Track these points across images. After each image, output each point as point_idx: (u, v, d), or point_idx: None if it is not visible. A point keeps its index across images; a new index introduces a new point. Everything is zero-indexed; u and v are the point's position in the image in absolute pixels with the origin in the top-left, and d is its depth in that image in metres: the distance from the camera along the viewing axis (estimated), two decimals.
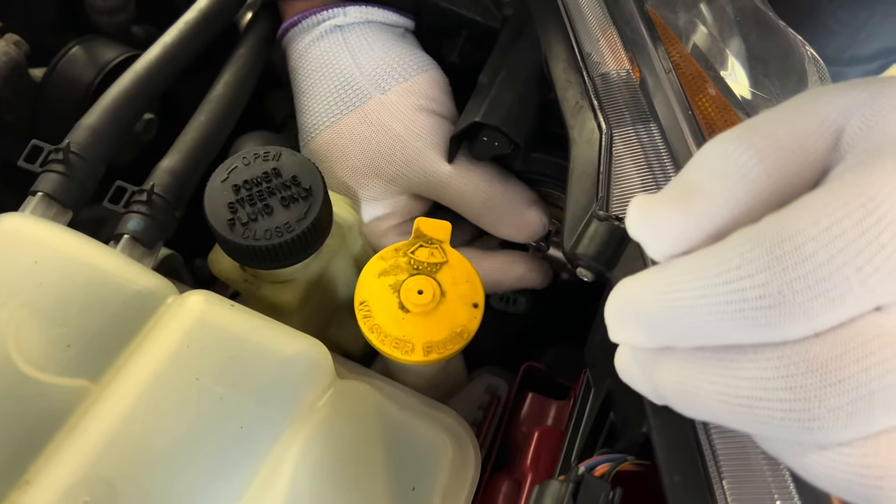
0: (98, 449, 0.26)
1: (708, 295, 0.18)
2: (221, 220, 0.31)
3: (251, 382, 0.28)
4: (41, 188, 0.33)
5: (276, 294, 0.35)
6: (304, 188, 0.33)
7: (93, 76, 0.47)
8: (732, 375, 0.18)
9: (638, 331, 0.20)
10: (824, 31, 0.77)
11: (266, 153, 0.33)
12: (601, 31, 0.37)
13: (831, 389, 0.17)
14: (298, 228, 0.32)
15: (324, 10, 0.43)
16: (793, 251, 0.17)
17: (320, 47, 0.43)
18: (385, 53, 0.42)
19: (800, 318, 0.17)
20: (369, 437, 0.31)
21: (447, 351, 0.33)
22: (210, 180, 0.32)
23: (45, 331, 0.28)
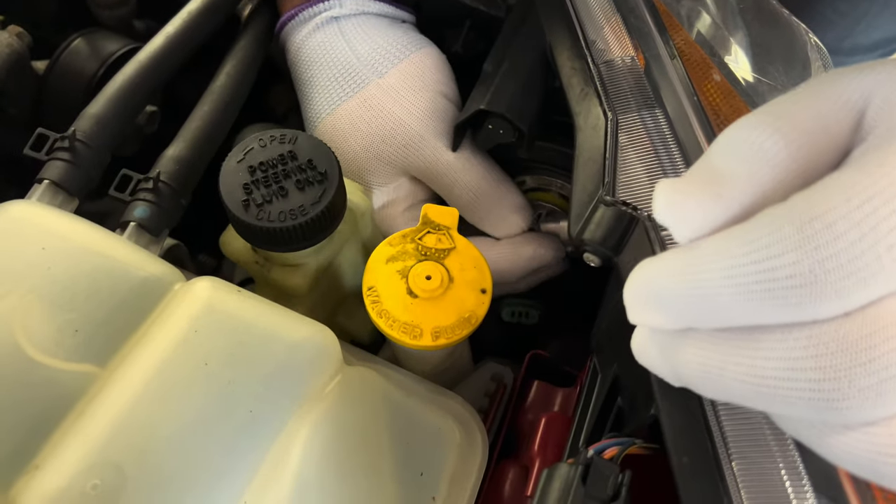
0: (107, 433, 0.26)
1: (736, 275, 0.18)
2: (236, 201, 0.31)
3: (259, 368, 0.28)
4: (47, 175, 0.33)
5: (286, 277, 0.35)
6: (320, 172, 0.33)
7: (95, 68, 0.47)
8: (759, 356, 0.18)
9: (659, 312, 0.20)
10: (823, 21, 0.77)
11: (283, 136, 0.33)
12: (605, 19, 0.37)
13: (861, 369, 0.17)
14: (313, 212, 0.32)
15: (320, 2, 0.43)
16: (824, 229, 0.16)
17: (317, 38, 0.43)
18: (381, 38, 0.43)
19: (832, 297, 0.17)
20: (377, 422, 0.31)
21: (455, 336, 0.33)
22: (226, 160, 0.33)
23: (54, 317, 0.28)
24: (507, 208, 0.41)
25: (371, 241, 0.41)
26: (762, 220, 0.18)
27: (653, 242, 0.29)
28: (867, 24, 0.76)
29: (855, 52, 0.81)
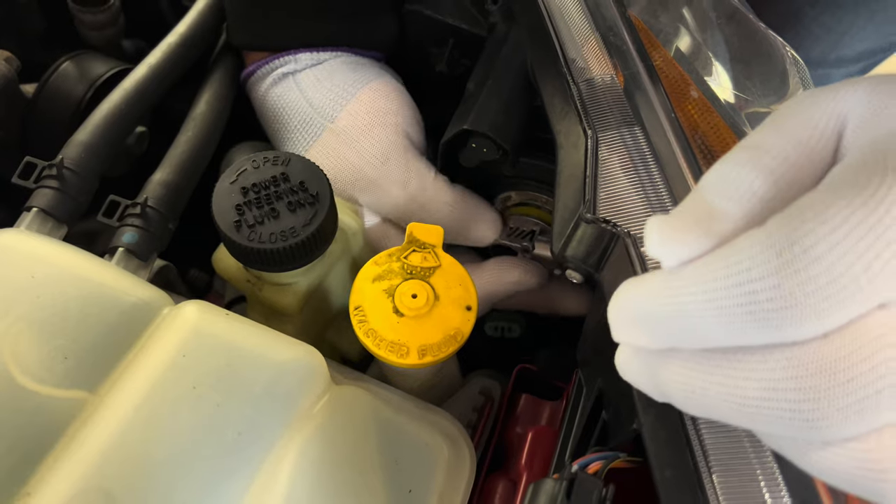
0: (97, 459, 0.26)
1: (717, 297, 0.18)
2: (228, 222, 0.32)
3: (247, 389, 0.29)
4: (36, 203, 0.33)
5: (277, 296, 0.36)
6: (311, 194, 0.33)
7: (84, 91, 0.48)
8: (741, 377, 0.19)
9: (642, 332, 0.21)
10: (808, 35, 0.78)
11: (276, 157, 0.34)
12: (585, 38, 0.38)
13: (840, 389, 0.17)
14: (303, 234, 0.32)
15: (277, 57, 0.44)
16: (803, 253, 0.17)
17: (276, 92, 0.44)
18: (330, 82, 0.43)
19: (811, 318, 0.17)
20: (366, 440, 0.31)
21: (441, 354, 0.33)
22: (219, 181, 0.33)
23: (43, 343, 0.28)
24: (476, 226, 0.42)
25: (362, 260, 0.42)
26: (743, 244, 0.18)
27: (633, 259, 0.29)
28: (851, 37, 0.77)
29: (841, 63, 0.82)
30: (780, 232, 0.18)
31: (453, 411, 0.36)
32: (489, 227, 0.43)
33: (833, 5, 0.75)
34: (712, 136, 0.35)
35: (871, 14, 0.74)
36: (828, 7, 0.75)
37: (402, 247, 0.36)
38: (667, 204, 0.31)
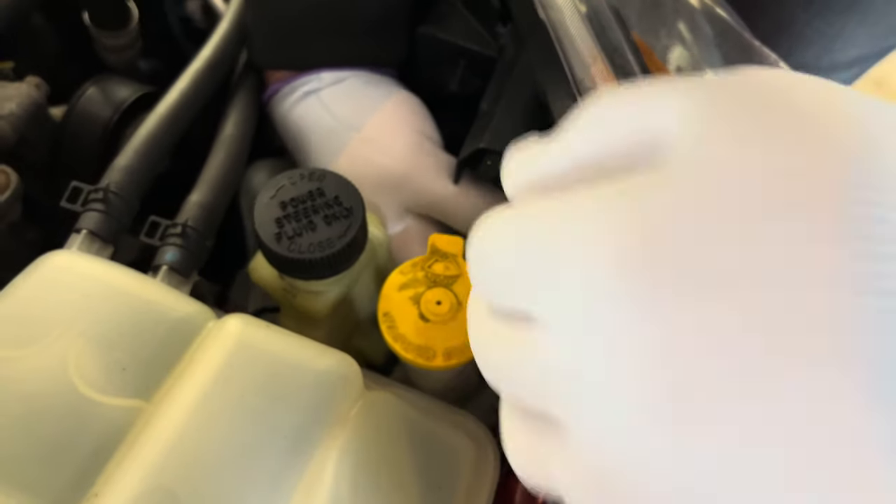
0: (159, 461, 0.28)
1: None
2: (269, 234, 0.34)
3: (291, 396, 0.31)
4: (84, 226, 0.35)
5: (310, 302, 0.38)
6: (346, 207, 0.36)
7: (110, 115, 0.50)
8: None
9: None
10: (801, 40, 0.80)
11: (311, 174, 0.36)
12: (591, 59, 0.40)
13: None
14: (339, 244, 0.35)
15: (299, 77, 0.46)
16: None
17: (299, 110, 0.46)
18: (354, 96, 0.46)
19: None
20: (398, 442, 0.33)
21: (466, 356, 0.35)
22: (259, 197, 0.35)
23: (102, 357, 0.30)
24: None
25: (386, 270, 0.44)
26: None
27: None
28: (844, 42, 0.79)
29: (833, 69, 0.84)
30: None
31: (476, 413, 0.39)
32: None
33: (825, 9, 0.77)
34: None
35: (862, 18, 0.76)
36: (820, 11, 0.77)
37: (425, 257, 0.38)
38: None
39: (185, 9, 0.64)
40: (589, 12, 0.42)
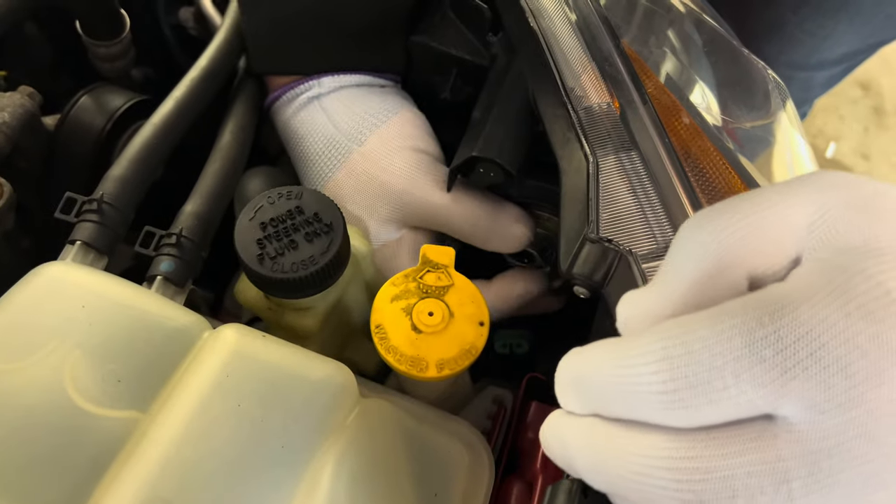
0: (155, 472, 0.28)
1: (620, 376, 0.22)
2: (251, 255, 0.34)
3: (287, 405, 0.31)
4: (78, 237, 0.35)
5: (298, 321, 0.38)
6: (326, 224, 0.36)
7: (103, 123, 0.50)
8: (630, 448, 0.22)
9: (572, 394, 0.24)
10: (791, 40, 0.81)
11: (289, 192, 0.36)
12: (582, 68, 0.41)
13: (691, 486, 0.20)
14: (322, 261, 0.35)
15: (300, 83, 0.47)
16: (686, 354, 0.20)
17: (301, 117, 0.47)
18: (358, 108, 0.46)
19: (679, 408, 0.20)
20: (394, 449, 0.34)
21: (458, 367, 0.36)
22: (238, 219, 0.35)
23: (98, 368, 0.30)
24: (507, 223, 0.44)
25: (373, 281, 0.44)
26: (647, 336, 0.21)
27: (636, 275, 0.32)
28: (833, 41, 0.81)
29: (822, 66, 0.86)
30: (673, 327, 0.21)
31: (470, 419, 0.39)
32: (522, 223, 0.44)
33: (814, 12, 0.78)
34: (703, 158, 0.38)
35: (850, 18, 0.78)
36: (809, 14, 0.78)
37: (417, 268, 0.39)
38: (664, 222, 0.34)
39: (178, 16, 0.64)
40: (579, 21, 0.43)
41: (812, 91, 0.92)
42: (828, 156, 1.83)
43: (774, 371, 0.19)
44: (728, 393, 0.20)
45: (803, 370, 0.19)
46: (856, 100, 1.92)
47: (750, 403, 0.20)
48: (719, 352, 0.20)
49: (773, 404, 0.19)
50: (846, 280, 0.19)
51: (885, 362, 0.18)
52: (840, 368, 0.19)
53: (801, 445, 0.19)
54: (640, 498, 0.22)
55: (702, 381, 0.20)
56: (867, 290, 0.19)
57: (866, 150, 1.84)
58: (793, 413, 0.19)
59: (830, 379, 0.19)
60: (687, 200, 0.34)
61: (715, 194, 0.36)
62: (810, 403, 0.19)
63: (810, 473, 0.19)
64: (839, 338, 0.19)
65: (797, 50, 0.82)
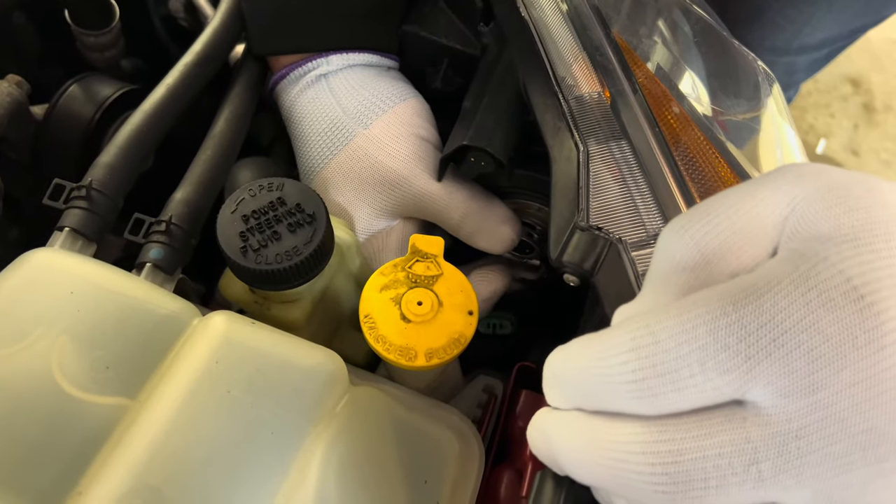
0: (144, 459, 0.28)
1: (596, 366, 0.22)
2: (234, 249, 0.34)
3: (277, 392, 0.31)
4: (67, 223, 0.35)
5: (285, 313, 0.38)
6: (308, 214, 0.35)
7: (92, 112, 0.50)
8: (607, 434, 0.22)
9: (555, 389, 0.25)
10: (772, 26, 0.82)
11: (270, 184, 0.36)
12: (573, 57, 0.41)
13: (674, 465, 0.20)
14: (306, 251, 0.35)
15: (308, 61, 0.46)
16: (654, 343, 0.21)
17: (308, 96, 0.46)
18: (366, 90, 0.46)
19: (648, 397, 0.21)
20: (384, 436, 0.34)
21: (447, 356, 0.36)
22: (220, 212, 0.35)
23: (86, 355, 0.30)
24: (495, 221, 0.44)
25: (360, 271, 0.44)
26: (622, 327, 0.22)
27: (626, 263, 0.32)
28: (812, 27, 0.82)
29: (803, 51, 0.87)
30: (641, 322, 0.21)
31: (460, 408, 0.39)
32: (511, 227, 0.45)
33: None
34: (693, 147, 0.38)
35: (829, 4, 0.79)
36: (790, 0, 0.79)
37: (406, 257, 0.39)
38: (653, 211, 0.34)
39: (168, 7, 0.64)
40: (570, 11, 0.43)
41: (795, 76, 0.93)
42: (818, 152, 1.83)
43: (738, 357, 0.19)
44: (695, 380, 0.20)
45: (767, 356, 0.19)
46: (846, 96, 1.92)
47: (717, 390, 0.20)
48: (685, 340, 0.20)
49: (739, 390, 0.20)
50: (809, 268, 0.20)
51: (847, 346, 0.19)
52: (802, 353, 0.19)
53: (768, 428, 0.20)
54: (619, 486, 0.22)
55: (669, 369, 0.20)
56: (829, 278, 0.19)
57: (856, 147, 1.85)
58: (760, 398, 0.20)
59: (793, 364, 0.19)
60: (677, 189, 0.35)
61: (704, 183, 0.37)
62: (775, 388, 0.19)
63: (779, 454, 0.19)
64: (801, 324, 0.19)
65: (779, 36, 0.83)
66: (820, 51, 0.88)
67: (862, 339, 0.19)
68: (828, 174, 0.22)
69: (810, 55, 0.89)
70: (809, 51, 0.87)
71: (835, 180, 0.22)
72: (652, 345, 0.21)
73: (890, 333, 0.19)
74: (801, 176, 0.23)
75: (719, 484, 0.20)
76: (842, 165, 1.81)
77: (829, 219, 0.21)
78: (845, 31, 0.85)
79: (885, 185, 0.22)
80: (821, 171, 0.23)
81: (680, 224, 0.24)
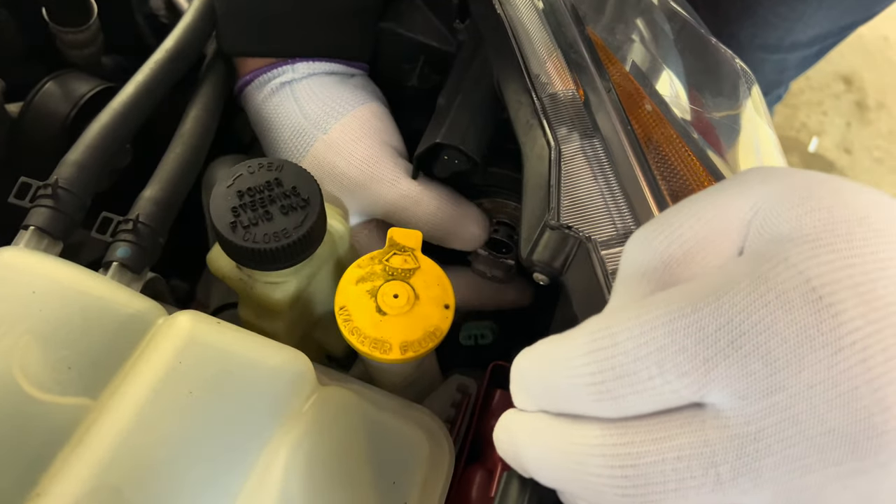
0: (105, 460, 0.28)
1: (556, 368, 0.22)
2: (224, 223, 0.34)
3: (240, 393, 0.31)
4: (32, 222, 0.35)
5: (268, 294, 0.38)
6: (303, 198, 0.35)
7: (68, 110, 0.49)
8: (569, 437, 0.22)
9: (522, 390, 0.25)
10: (764, 23, 0.82)
11: (270, 164, 0.36)
12: (547, 55, 0.41)
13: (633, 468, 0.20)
14: (295, 235, 0.34)
15: (273, 67, 0.46)
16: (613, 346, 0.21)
17: (273, 102, 0.46)
18: (327, 96, 0.46)
19: (608, 399, 0.21)
20: (351, 436, 0.33)
21: (422, 349, 0.35)
22: (216, 185, 0.35)
23: (48, 355, 0.30)
24: (466, 223, 0.44)
25: (348, 262, 0.44)
26: (582, 328, 0.22)
27: (594, 262, 0.32)
28: (804, 24, 0.82)
29: (795, 48, 0.87)
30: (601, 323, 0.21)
31: (434, 407, 0.39)
32: (479, 225, 0.44)
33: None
34: (665, 145, 0.37)
35: (820, 2, 0.79)
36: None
37: (384, 250, 0.38)
38: (624, 210, 0.34)
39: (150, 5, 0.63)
40: (546, 8, 0.43)
41: (786, 73, 0.93)
42: (810, 150, 1.83)
43: (696, 360, 0.19)
44: (653, 383, 0.20)
45: (724, 358, 0.19)
46: (839, 94, 1.92)
47: (675, 393, 0.20)
48: (643, 342, 0.20)
49: (698, 393, 0.20)
50: (768, 269, 0.19)
51: (804, 349, 0.18)
52: (760, 356, 0.19)
53: (727, 430, 0.19)
54: (581, 489, 0.22)
55: (627, 371, 0.20)
56: (788, 279, 0.19)
57: (849, 145, 1.85)
58: (719, 400, 0.20)
59: (751, 366, 0.19)
60: (646, 187, 0.34)
61: (677, 180, 0.36)
62: (733, 390, 0.19)
63: (737, 457, 0.19)
64: (759, 326, 0.19)
65: (770, 33, 0.83)
66: (811, 48, 0.88)
67: (819, 340, 0.18)
68: (791, 176, 0.22)
69: (801, 52, 0.89)
70: (800, 48, 0.87)
71: (797, 181, 0.22)
72: (611, 346, 0.20)
73: (848, 335, 0.18)
74: (764, 178, 0.23)
75: (678, 487, 0.20)
76: (834, 163, 1.81)
77: (790, 220, 0.21)
78: (836, 27, 0.85)
79: (848, 185, 0.21)
80: (784, 173, 0.23)
81: (644, 235, 0.23)
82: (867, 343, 0.18)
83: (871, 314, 0.18)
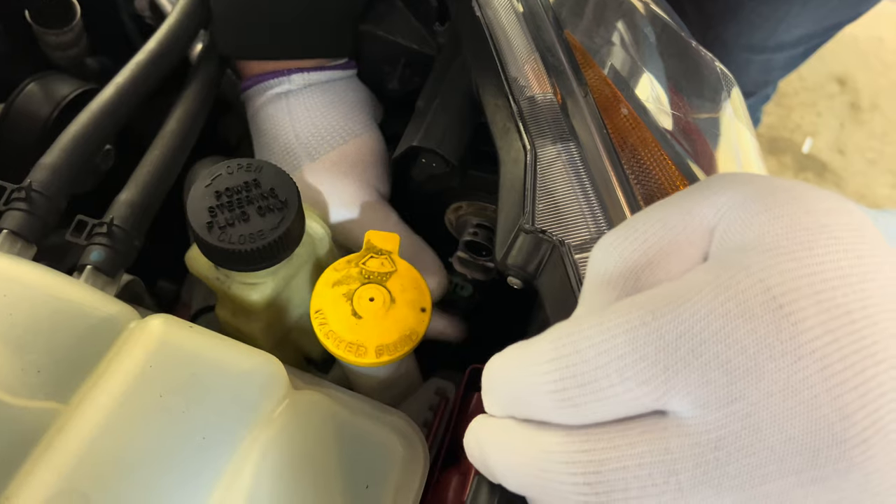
0: (73, 464, 0.28)
1: (521, 375, 0.22)
2: (201, 222, 0.34)
3: (211, 397, 0.31)
4: (5, 226, 0.35)
5: (244, 295, 0.38)
6: (281, 200, 0.35)
7: (49, 112, 0.49)
8: (534, 443, 0.22)
9: (491, 395, 0.25)
10: (748, 24, 0.83)
11: (249, 165, 0.36)
12: (526, 58, 0.41)
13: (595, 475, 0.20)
14: (271, 237, 0.34)
15: (271, 77, 0.46)
16: (575, 353, 0.20)
17: (268, 111, 0.46)
18: (321, 119, 0.46)
19: (569, 407, 0.21)
20: (324, 441, 0.33)
21: (398, 353, 0.35)
22: (194, 185, 0.35)
23: (18, 359, 0.30)
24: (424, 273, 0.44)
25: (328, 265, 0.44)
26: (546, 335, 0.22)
27: (567, 266, 0.32)
28: (788, 24, 0.82)
29: (781, 48, 0.87)
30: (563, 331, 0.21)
31: (411, 411, 0.39)
32: (439, 277, 0.44)
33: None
34: (641, 148, 0.37)
35: (804, 2, 0.79)
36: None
37: (361, 253, 0.38)
38: (598, 213, 0.34)
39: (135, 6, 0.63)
40: (525, 12, 0.43)
41: (773, 73, 0.93)
42: (804, 151, 1.83)
43: (656, 368, 0.19)
44: (614, 390, 0.20)
45: (685, 366, 0.19)
46: (833, 95, 1.93)
47: (636, 401, 0.20)
48: (604, 350, 0.20)
49: (659, 400, 0.20)
50: (729, 277, 0.19)
51: (763, 357, 0.18)
52: (720, 364, 0.19)
53: (687, 438, 0.19)
54: (545, 495, 0.22)
55: (589, 379, 0.20)
56: (748, 287, 0.19)
57: (842, 146, 1.85)
58: (680, 408, 0.19)
59: (710, 374, 0.19)
60: (619, 190, 0.34)
61: (652, 184, 0.36)
62: (693, 399, 0.19)
63: (697, 465, 0.19)
64: (719, 334, 0.19)
65: (755, 34, 0.84)
66: (796, 48, 0.88)
67: (779, 349, 0.18)
68: (756, 182, 0.22)
69: (787, 52, 0.89)
70: (786, 48, 0.88)
71: (760, 188, 0.22)
72: (573, 354, 0.20)
73: (807, 343, 0.18)
74: (729, 185, 0.23)
75: (640, 495, 0.20)
76: (828, 164, 1.81)
77: (753, 227, 0.21)
78: (821, 28, 0.85)
79: (812, 192, 0.21)
80: (749, 179, 0.23)
81: (609, 241, 0.23)
82: (826, 351, 0.18)
83: (830, 322, 0.18)
